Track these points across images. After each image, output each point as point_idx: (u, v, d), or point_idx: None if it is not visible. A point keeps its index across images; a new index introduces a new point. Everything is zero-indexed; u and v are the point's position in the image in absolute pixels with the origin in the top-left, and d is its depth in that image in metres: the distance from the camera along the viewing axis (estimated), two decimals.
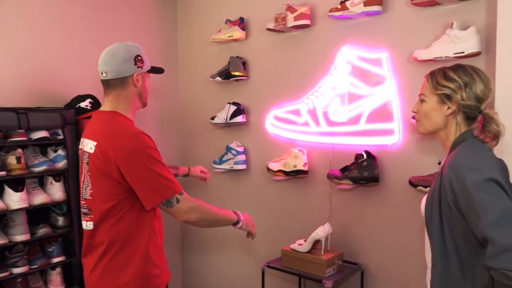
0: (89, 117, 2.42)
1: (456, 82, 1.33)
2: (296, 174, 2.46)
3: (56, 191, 2.31)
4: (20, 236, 2.16)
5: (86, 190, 1.59)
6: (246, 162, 2.80)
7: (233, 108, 2.76)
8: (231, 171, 2.84)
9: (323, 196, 2.46)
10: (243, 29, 2.76)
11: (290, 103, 2.57)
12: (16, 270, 2.15)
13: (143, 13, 3.08)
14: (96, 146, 1.54)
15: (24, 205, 2.14)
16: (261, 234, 2.76)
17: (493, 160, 1.29)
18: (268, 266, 2.34)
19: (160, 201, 1.52)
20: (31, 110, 2.23)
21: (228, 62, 2.77)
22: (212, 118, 2.86)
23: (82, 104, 2.46)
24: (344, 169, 2.28)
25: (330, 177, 2.31)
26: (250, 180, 2.83)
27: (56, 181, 2.33)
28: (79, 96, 2.50)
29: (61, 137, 2.34)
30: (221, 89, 2.96)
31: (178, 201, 1.54)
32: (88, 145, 1.58)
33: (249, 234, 1.88)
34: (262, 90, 2.73)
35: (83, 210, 1.63)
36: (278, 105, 2.63)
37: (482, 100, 1.33)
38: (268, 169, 2.57)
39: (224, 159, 2.82)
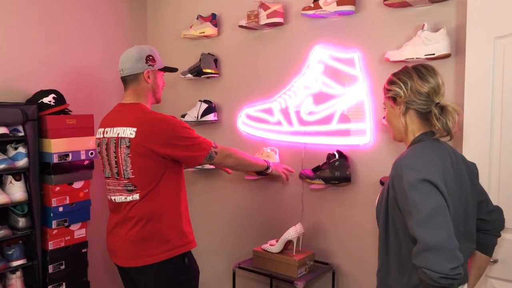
0: (54, 113, 2.36)
1: (396, 84, 1.38)
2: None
3: (16, 191, 2.20)
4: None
5: (127, 170, 1.76)
6: None
7: (205, 106, 2.71)
8: (202, 170, 2.79)
9: (295, 196, 2.44)
10: (215, 25, 2.71)
11: (262, 101, 2.54)
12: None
13: (111, 7, 2.97)
14: (136, 132, 1.73)
15: None
16: (232, 234, 2.74)
17: (439, 162, 1.31)
18: (239, 267, 2.30)
19: (203, 159, 1.82)
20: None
21: (200, 59, 2.71)
22: (183, 116, 2.79)
23: (45, 100, 2.35)
24: (316, 169, 2.27)
25: (302, 176, 2.30)
26: (221, 179, 2.79)
27: (16, 180, 2.22)
28: (42, 91, 2.39)
29: (22, 134, 2.23)
30: (192, 86, 2.90)
31: (216, 153, 1.85)
32: (125, 132, 1.76)
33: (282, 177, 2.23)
34: (234, 88, 2.69)
35: (127, 187, 1.78)
36: (250, 103, 2.59)
37: (427, 94, 1.34)
38: None
39: None
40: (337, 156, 2.21)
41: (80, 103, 2.69)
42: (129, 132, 1.75)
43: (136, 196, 1.76)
